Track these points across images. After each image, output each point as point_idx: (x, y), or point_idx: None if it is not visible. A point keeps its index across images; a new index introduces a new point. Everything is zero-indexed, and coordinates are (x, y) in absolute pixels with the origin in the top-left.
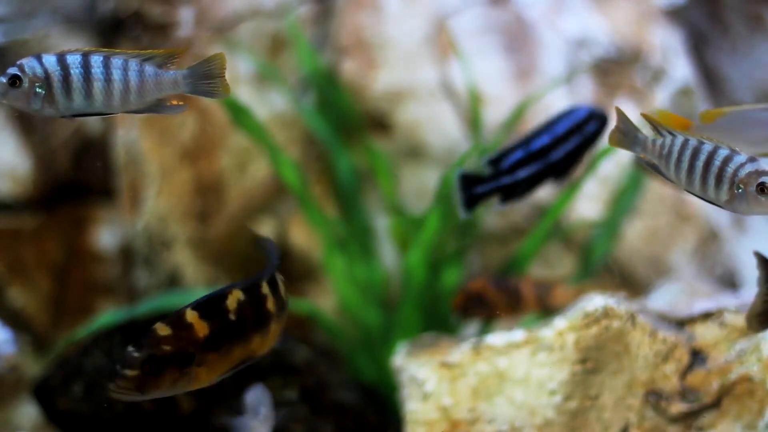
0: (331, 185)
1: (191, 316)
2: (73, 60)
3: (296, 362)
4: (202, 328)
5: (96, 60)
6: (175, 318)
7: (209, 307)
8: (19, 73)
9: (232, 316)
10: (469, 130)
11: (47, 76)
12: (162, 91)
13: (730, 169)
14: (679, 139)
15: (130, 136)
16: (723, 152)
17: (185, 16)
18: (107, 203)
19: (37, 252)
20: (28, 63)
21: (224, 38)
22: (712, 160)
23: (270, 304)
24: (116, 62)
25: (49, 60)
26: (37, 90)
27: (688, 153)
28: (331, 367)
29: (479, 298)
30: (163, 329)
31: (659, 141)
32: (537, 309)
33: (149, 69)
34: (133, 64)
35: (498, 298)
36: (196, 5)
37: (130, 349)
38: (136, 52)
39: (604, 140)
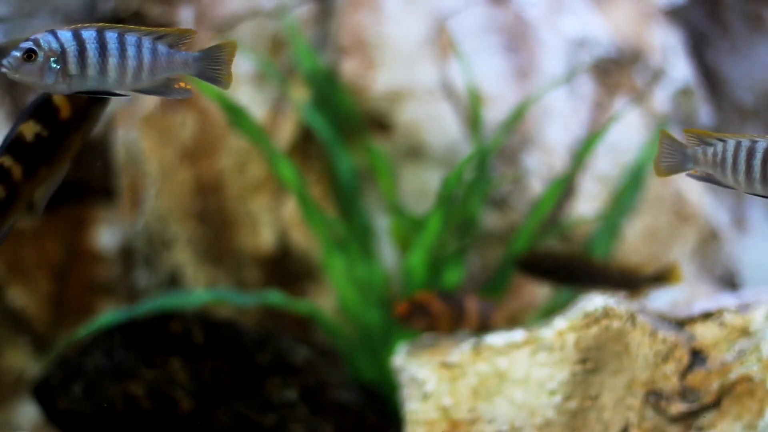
0: (331, 185)
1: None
2: (89, 35)
3: (296, 362)
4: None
5: (111, 36)
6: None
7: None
8: (34, 47)
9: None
10: (469, 130)
11: (63, 51)
12: (172, 71)
13: None
14: (731, 143)
15: (130, 136)
16: None
17: (185, 16)
18: (107, 203)
19: (37, 252)
20: (44, 37)
21: (224, 38)
22: None
23: None
24: (131, 39)
25: (65, 35)
26: (52, 65)
27: (743, 155)
28: (331, 367)
29: (423, 308)
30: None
31: (710, 150)
32: (478, 327)
33: (162, 48)
34: (146, 42)
35: (442, 311)
36: (196, 5)
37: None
38: (149, 29)
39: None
